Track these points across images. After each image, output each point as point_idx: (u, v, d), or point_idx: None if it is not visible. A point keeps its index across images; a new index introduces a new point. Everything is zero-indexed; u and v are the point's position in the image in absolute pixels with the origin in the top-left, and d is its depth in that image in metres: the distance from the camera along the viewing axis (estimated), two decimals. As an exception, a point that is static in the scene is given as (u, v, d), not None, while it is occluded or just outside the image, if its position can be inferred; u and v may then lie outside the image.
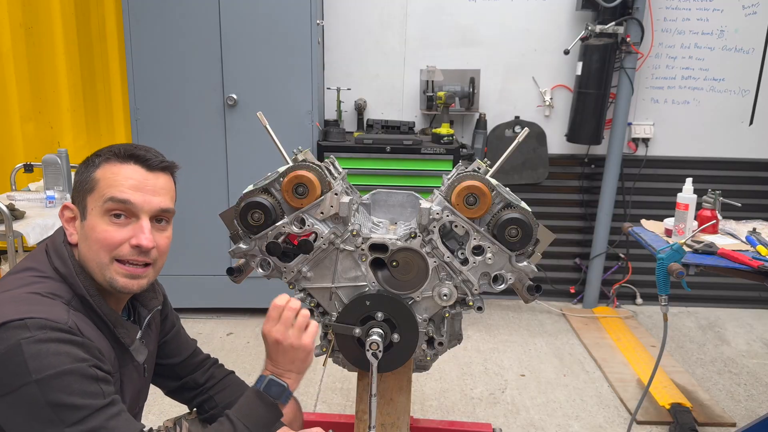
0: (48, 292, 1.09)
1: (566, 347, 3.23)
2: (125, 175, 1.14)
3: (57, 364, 0.99)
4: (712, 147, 3.69)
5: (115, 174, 1.14)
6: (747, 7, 3.50)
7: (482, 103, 3.64)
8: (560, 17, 3.55)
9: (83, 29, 3.57)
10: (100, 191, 1.13)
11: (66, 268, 1.13)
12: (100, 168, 1.14)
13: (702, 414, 2.58)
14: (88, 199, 1.14)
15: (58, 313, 1.06)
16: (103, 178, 1.13)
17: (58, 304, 1.08)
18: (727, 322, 3.59)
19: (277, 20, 3.07)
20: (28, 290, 1.09)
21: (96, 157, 1.17)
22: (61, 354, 1.00)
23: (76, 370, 1.01)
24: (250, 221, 1.50)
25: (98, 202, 1.13)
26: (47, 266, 1.14)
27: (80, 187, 1.16)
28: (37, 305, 1.05)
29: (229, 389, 1.48)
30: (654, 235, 2.27)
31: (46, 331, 1.01)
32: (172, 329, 1.45)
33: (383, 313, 1.50)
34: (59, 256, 1.15)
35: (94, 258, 1.14)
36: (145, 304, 1.30)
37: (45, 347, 1.00)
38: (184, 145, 3.18)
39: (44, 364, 0.99)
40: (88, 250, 1.14)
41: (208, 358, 1.54)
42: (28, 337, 0.99)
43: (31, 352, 0.98)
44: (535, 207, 1.70)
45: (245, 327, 3.37)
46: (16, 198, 2.72)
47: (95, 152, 1.19)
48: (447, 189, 1.50)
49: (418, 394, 2.72)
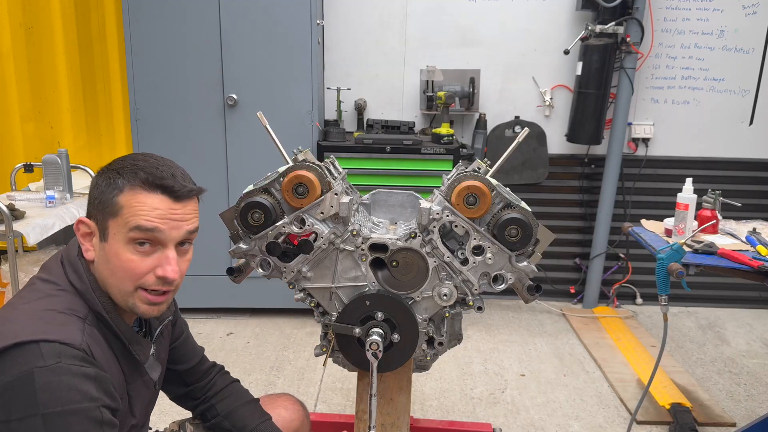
0: (65, 307, 1.07)
1: (566, 347, 3.23)
2: (152, 206, 1.09)
3: (66, 401, 0.98)
4: (711, 147, 3.69)
5: (141, 203, 1.08)
6: (747, 7, 3.50)
7: (482, 103, 3.64)
8: (560, 17, 3.55)
9: (83, 29, 3.56)
10: (125, 218, 1.08)
11: (82, 284, 1.11)
12: (124, 194, 1.09)
13: (702, 414, 2.58)
14: (110, 222, 1.10)
15: (74, 333, 1.04)
16: (128, 205, 1.08)
17: (74, 322, 1.06)
18: (727, 322, 3.59)
19: (277, 20, 3.07)
20: (44, 305, 1.07)
21: (118, 177, 1.10)
22: (72, 389, 0.98)
23: (83, 410, 0.99)
24: (250, 221, 1.50)
25: (122, 228, 1.08)
26: (64, 279, 1.12)
27: (101, 207, 1.10)
28: (53, 324, 1.03)
29: (231, 398, 1.47)
30: (654, 235, 2.27)
31: (61, 360, 0.99)
32: (181, 335, 1.44)
33: (383, 313, 1.50)
34: (75, 271, 1.12)
35: (116, 284, 1.11)
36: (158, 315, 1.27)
37: (57, 380, 0.98)
38: (183, 145, 3.18)
39: (53, 398, 0.97)
40: (110, 274, 1.11)
41: (214, 365, 1.52)
42: (42, 366, 0.98)
43: (42, 383, 0.97)
44: (535, 207, 1.70)
45: (245, 327, 3.37)
46: (16, 198, 2.72)
47: (116, 166, 1.12)
48: (447, 189, 1.50)
49: (418, 394, 2.72)
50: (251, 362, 2.98)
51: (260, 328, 3.36)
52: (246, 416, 1.43)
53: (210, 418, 1.45)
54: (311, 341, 3.21)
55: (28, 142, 3.38)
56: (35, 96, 3.39)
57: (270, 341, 3.21)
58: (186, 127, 3.18)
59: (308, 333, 3.31)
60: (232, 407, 1.44)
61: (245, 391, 1.51)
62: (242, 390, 1.51)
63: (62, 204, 2.73)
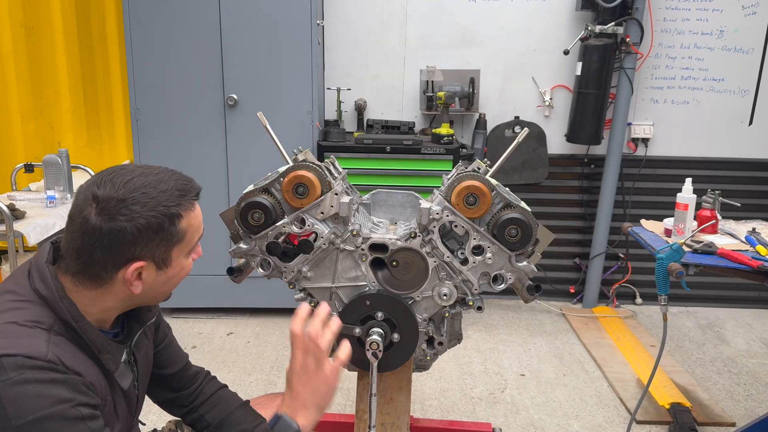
0: (26, 320, 1.03)
1: (566, 347, 3.23)
2: (199, 214, 1.17)
3: (37, 408, 0.95)
4: (711, 147, 3.69)
5: (196, 219, 1.16)
6: (747, 7, 3.51)
7: (482, 103, 3.64)
8: (560, 17, 3.55)
9: (83, 29, 3.57)
10: (189, 239, 1.14)
11: (48, 291, 1.07)
12: (184, 219, 1.12)
13: (702, 414, 2.59)
14: (174, 250, 1.13)
15: (37, 345, 1.00)
16: (190, 226, 1.14)
17: (38, 334, 1.02)
18: (727, 322, 3.60)
19: (277, 20, 3.07)
20: (5, 319, 1.03)
21: (171, 208, 1.09)
22: (42, 396, 0.96)
23: (58, 413, 0.96)
24: (251, 221, 1.50)
25: (187, 248, 1.15)
26: (27, 289, 1.08)
27: (164, 242, 1.10)
28: (14, 338, 1.00)
29: (219, 406, 1.43)
30: (654, 235, 2.27)
31: (24, 371, 0.96)
32: (165, 339, 1.41)
33: (383, 313, 1.50)
34: (42, 278, 1.08)
35: (170, 288, 1.18)
36: (138, 318, 1.25)
37: (24, 390, 0.95)
38: (184, 145, 3.18)
39: (23, 408, 0.94)
40: (167, 287, 1.17)
41: (200, 371, 1.48)
42: (5, 380, 0.95)
43: (9, 397, 0.94)
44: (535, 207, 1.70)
45: (245, 327, 3.37)
46: (16, 198, 2.73)
47: (160, 203, 1.08)
48: (447, 189, 1.50)
49: (418, 394, 2.72)
50: (251, 362, 2.99)
51: (260, 328, 3.36)
52: (238, 422, 1.39)
53: (200, 429, 1.42)
54: (311, 341, 3.21)
55: (29, 142, 3.38)
56: (36, 96, 3.39)
57: (270, 341, 3.21)
58: (186, 127, 3.18)
59: (308, 333, 3.31)
60: (223, 415, 1.40)
61: (233, 395, 1.48)
62: (230, 395, 1.47)
63: (63, 204, 2.74)
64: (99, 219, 1.05)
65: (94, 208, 1.05)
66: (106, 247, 1.06)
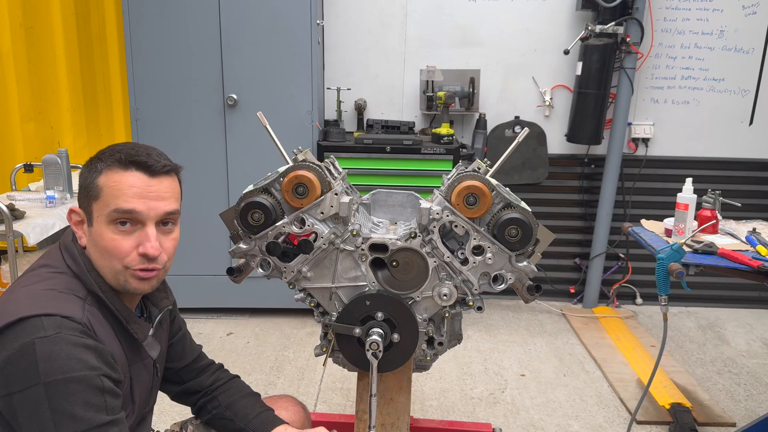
0: (64, 287, 1.11)
1: (566, 347, 3.23)
2: (128, 184, 1.13)
3: (67, 369, 1.00)
4: (711, 147, 3.69)
5: (117, 182, 1.12)
6: (747, 7, 3.50)
7: (482, 103, 3.64)
8: (560, 17, 3.55)
9: (83, 29, 3.56)
10: (105, 200, 1.13)
11: (78, 267, 1.15)
12: (102, 174, 1.13)
13: (702, 414, 2.59)
14: (93, 206, 1.14)
15: (74, 309, 1.07)
16: (106, 186, 1.13)
17: (74, 299, 1.09)
18: (727, 322, 3.60)
19: (277, 20, 3.07)
20: (45, 286, 1.10)
21: (98, 162, 1.15)
22: (72, 359, 1.01)
23: (84, 378, 1.01)
24: (250, 221, 1.50)
25: (103, 210, 1.13)
26: (62, 263, 1.16)
27: (85, 192, 1.16)
28: (54, 301, 1.06)
29: (233, 389, 1.47)
30: (654, 235, 2.27)
31: (61, 331, 1.02)
32: (179, 332, 1.45)
33: (383, 313, 1.50)
34: (71, 255, 1.16)
35: (106, 264, 1.15)
36: (156, 303, 1.31)
37: (57, 349, 1.00)
38: (184, 145, 3.18)
39: (54, 367, 0.99)
40: (99, 256, 1.15)
41: (212, 363, 1.53)
42: (42, 337, 1.00)
43: (43, 353, 0.99)
44: (535, 207, 1.70)
45: (245, 327, 3.37)
46: (16, 198, 2.72)
47: (98, 154, 1.17)
48: (447, 189, 1.50)
49: (418, 394, 2.72)
50: (251, 362, 2.98)
51: (260, 328, 3.36)
52: (248, 405, 1.43)
53: (211, 409, 1.45)
54: (311, 341, 3.21)
55: (28, 142, 3.38)
56: (35, 96, 3.39)
57: (270, 341, 3.21)
58: (186, 127, 3.18)
59: (308, 333, 3.31)
60: (234, 398, 1.44)
61: (247, 385, 1.52)
62: (244, 384, 1.51)
63: (62, 204, 2.73)
64: None
65: None
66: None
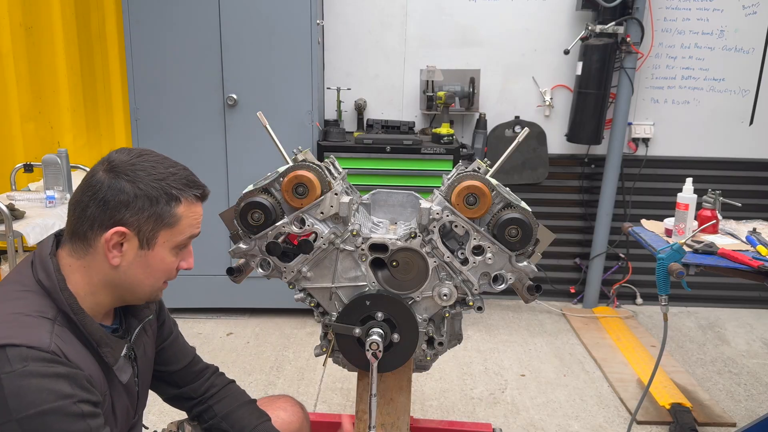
0: (32, 309, 1.05)
1: (566, 347, 3.23)
2: (199, 213, 1.18)
3: (39, 402, 0.95)
4: (711, 147, 3.69)
5: (195, 213, 1.16)
6: (747, 7, 3.50)
7: (482, 103, 3.64)
8: (560, 17, 3.55)
9: (83, 29, 3.56)
10: (181, 229, 1.14)
11: (50, 282, 1.08)
12: (182, 205, 1.13)
13: (702, 414, 2.58)
14: (162, 233, 1.12)
15: (41, 335, 1.01)
16: (186, 216, 1.14)
17: (42, 324, 1.03)
18: (727, 322, 3.59)
19: (277, 20, 3.07)
20: (11, 309, 1.04)
21: (173, 189, 1.11)
22: (43, 390, 0.96)
23: (59, 409, 0.97)
24: (250, 221, 1.50)
25: (176, 237, 1.14)
26: (31, 279, 1.09)
27: (157, 219, 1.10)
28: (19, 329, 1.01)
29: (229, 399, 1.45)
30: (654, 235, 2.27)
31: (27, 363, 0.97)
32: (170, 336, 1.42)
33: (383, 313, 1.50)
34: (44, 268, 1.09)
35: (150, 283, 1.15)
36: (136, 314, 1.25)
37: (26, 383, 0.96)
38: (183, 144, 3.18)
39: (25, 402, 0.95)
40: (145, 276, 1.14)
41: (208, 367, 1.50)
42: (9, 371, 0.95)
43: (11, 389, 0.95)
44: (535, 207, 1.70)
45: (245, 327, 3.37)
46: (16, 198, 2.72)
47: (165, 180, 1.11)
48: (447, 189, 1.50)
49: (418, 394, 2.72)
50: (251, 362, 2.98)
51: (260, 328, 3.36)
52: (245, 417, 1.41)
53: (207, 419, 1.43)
54: (311, 341, 3.21)
55: (28, 142, 3.38)
56: (35, 96, 3.39)
57: (270, 341, 3.21)
58: (186, 127, 3.18)
59: (308, 333, 3.31)
60: (230, 408, 1.42)
61: (242, 391, 1.50)
62: (239, 390, 1.50)
63: (62, 204, 2.73)
64: (105, 175, 1.09)
65: (105, 165, 1.10)
66: (101, 201, 1.07)
